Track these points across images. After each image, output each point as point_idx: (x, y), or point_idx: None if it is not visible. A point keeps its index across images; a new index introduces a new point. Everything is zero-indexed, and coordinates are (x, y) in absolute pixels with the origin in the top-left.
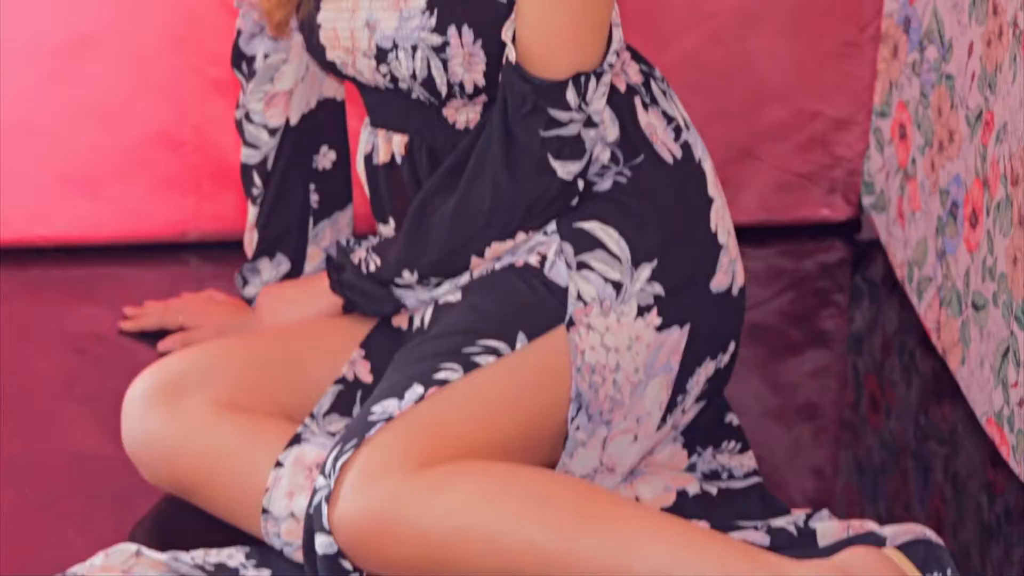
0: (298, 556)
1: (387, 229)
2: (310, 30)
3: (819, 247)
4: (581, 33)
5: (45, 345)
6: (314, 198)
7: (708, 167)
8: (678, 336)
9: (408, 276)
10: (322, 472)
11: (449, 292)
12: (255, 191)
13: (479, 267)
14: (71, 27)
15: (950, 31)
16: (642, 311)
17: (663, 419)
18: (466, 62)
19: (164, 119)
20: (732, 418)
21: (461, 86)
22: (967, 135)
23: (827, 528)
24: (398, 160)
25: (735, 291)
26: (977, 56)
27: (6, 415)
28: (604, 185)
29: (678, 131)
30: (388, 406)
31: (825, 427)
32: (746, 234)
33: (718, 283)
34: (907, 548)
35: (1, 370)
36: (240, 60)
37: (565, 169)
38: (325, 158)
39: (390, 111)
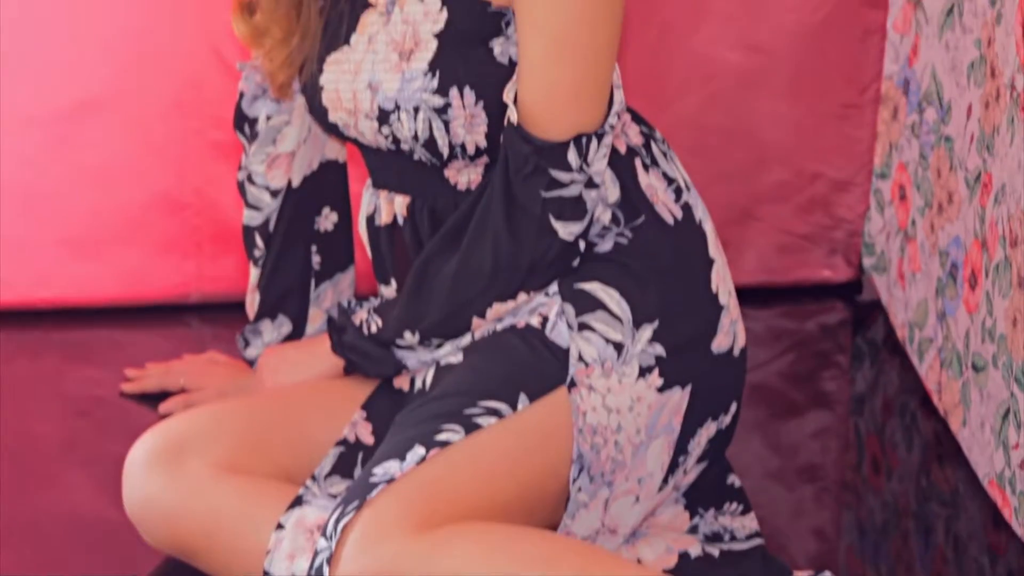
0: None
1: (389, 290)
2: (312, 92)
3: (820, 308)
4: (583, 94)
5: (46, 407)
6: (316, 259)
7: (709, 228)
8: (680, 397)
9: (409, 337)
10: (323, 534)
11: (451, 353)
12: (257, 253)
13: (481, 328)
14: (73, 92)
15: (949, 93)
16: (643, 372)
17: (665, 480)
18: (468, 123)
19: (166, 182)
20: (734, 479)
21: (463, 147)
22: (966, 197)
23: None
24: (400, 221)
25: (736, 352)
26: (976, 118)
27: (6, 477)
28: (605, 246)
29: (679, 192)
30: (389, 468)
31: (827, 488)
32: (747, 295)
33: (719, 344)
34: None
35: (2, 432)
36: (243, 122)
37: (567, 230)
38: (327, 220)
39: (392, 173)
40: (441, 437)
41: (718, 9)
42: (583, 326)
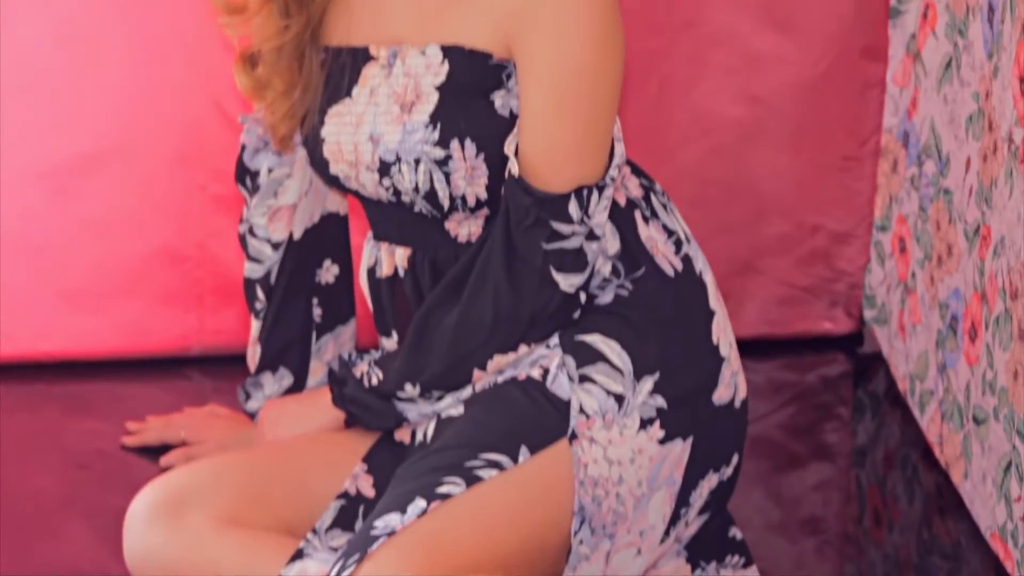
0: None
1: (390, 343)
2: (314, 144)
3: (821, 360)
4: (584, 147)
5: (46, 460)
6: (317, 312)
7: (709, 280)
8: (681, 449)
9: (410, 389)
10: None
11: (451, 406)
12: (258, 305)
13: (481, 380)
14: (75, 145)
15: (947, 146)
16: (644, 424)
17: (666, 532)
18: (468, 175)
19: (167, 235)
20: (735, 532)
21: (463, 199)
22: (965, 249)
23: None
24: (401, 273)
25: (737, 404)
26: (974, 171)
27: (6, 530)
28: (606, 298)
29: (679, 244)
30: (390, 520)
31: (829, 541)
32: (748, 347)
33: (720, 396)
34: None
35: (2, 485)
36: (244, 175)
37: (567, 282)
38: (328, 272)
39: (393, 224)
40: (442, 490)
41: (718, 62)
42: (584, 378)
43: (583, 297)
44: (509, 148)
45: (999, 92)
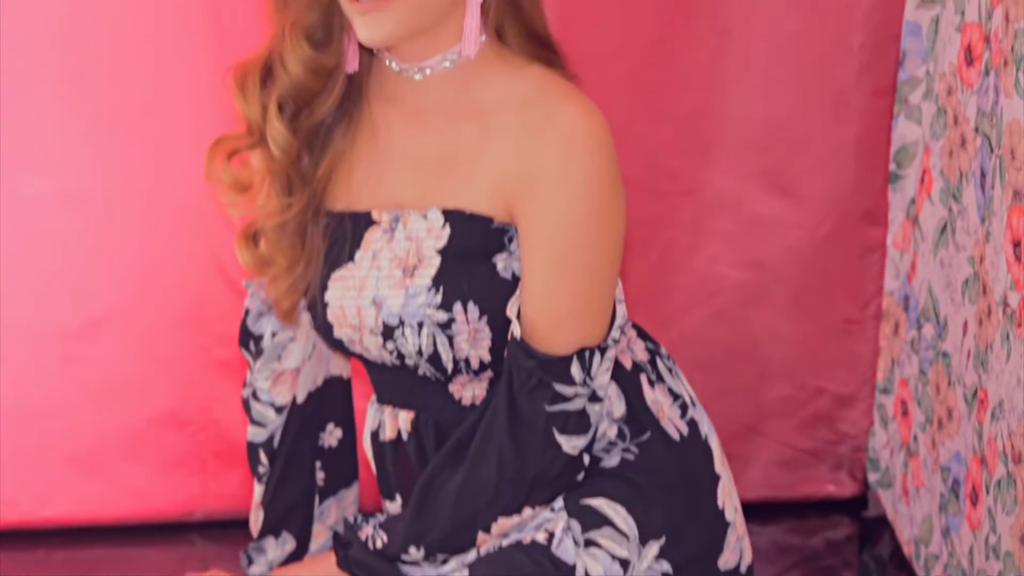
0: None
1: (393, 506)
2: (317, 309)
3: (826, 523)
4: (585, 310)
5: None
6: (320, 476)
7: (714, 444)
8: None
9: (415, 552)
10: None
11: (456, 569)
12: (261, 469)
13: (486, 543)
14: (80, 310)
15: (945, 309)
16: None
17: None
18: (471, 338)
19: (171, 399)
20: None
21: (467, 362)
22: (964, 413)
23: None
24: (404, 437)
25: (743, 568)
26: (971, 334)
27: None
28: (611, 461)
29: (684, 408)
30: None
31: None
32: (752, 510)
33: (726, 561)
34: None
35: None
36: (248, 339)
37: (570, 444)
38: (331, 436)
39: (396, 388)
40: None
41: (720, 228)
42: (589, 542)
43: (587, 459)
44: (512, 311)
45: (992, 256)
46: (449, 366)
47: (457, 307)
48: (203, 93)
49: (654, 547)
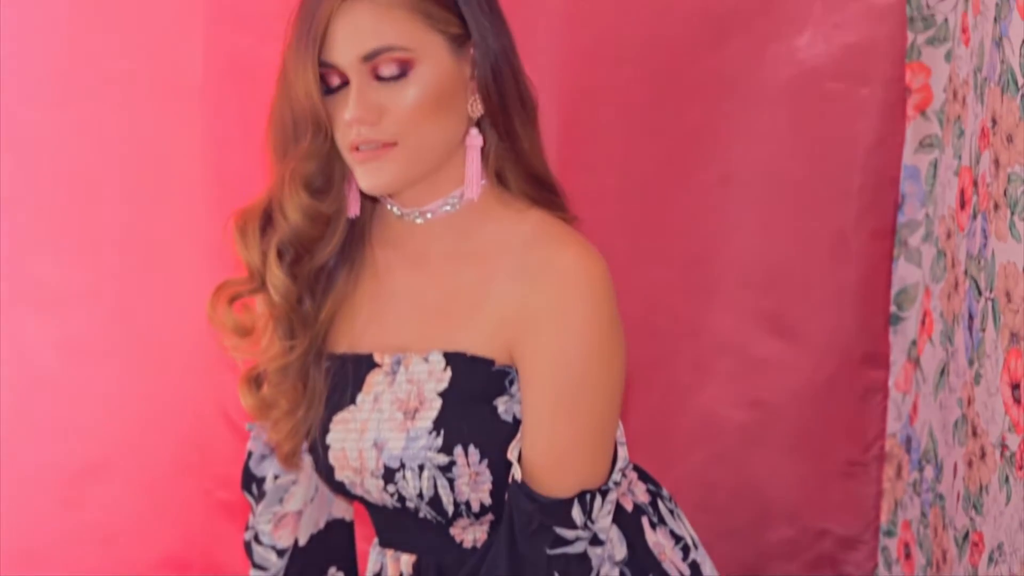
0: None
1: None
2: (319, 451)
3: None
4: (586, 452)
5: None
6: None
7: None
8: None
9: None
10: None
11: None
12: None
13: None
14: (81, 454)
15: (942, 451)
16: None
17: None
18: (472, 481)
19: (172, 542)
20: None
21: (467, 505)
22: (955, 556)
23: None
24: None
25: None
26: (960, 477)
27: None
28: None
29: (686, 550)
30: None
31: None
32: None
33: None
34: None
35: None
36: (250, 482)
37: None
38: None
39: (398, 531)
40: None
41: (721, 368)
42: None
43: None
44: (512, 454)
45: (982, 398)
46: (450, 509)
47: (458, 450)
48: (204, 238)
49: None
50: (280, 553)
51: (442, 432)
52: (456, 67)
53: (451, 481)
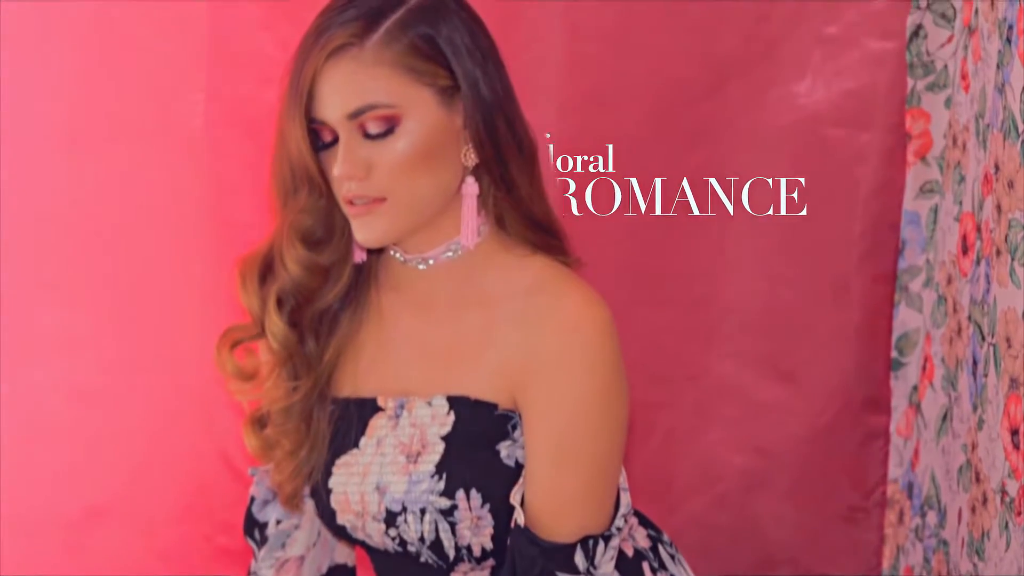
0: None
1: None
2: (321, 494)
3: None
4: (589, 498)
5: None
6: None
7: None
8: None
9: None
10: None
11: None
12: None
13: None
14: (82, 500)
15: (945, 497)
16: None
17: None
18: (474, 525)
19: None
20: None
21: (469, 549)
22: None
23: None
24: None
25: None
26: (964, 522)
27: None
28: None
29: None
30: None
31: None
32: None
33: None
34: None
35: None
36: (253, 527)
37: None
38: None
39: (400, 575)
40: None
41: (722, 414)
42: None
43: None
44: (515, 498)
45: (985, 444)
46: (451, 553)
47: (460, 494)
48: (206, 285)
49: None
50: None
51: (444, 476)
52: (447, 119)
53: (453, 525)
